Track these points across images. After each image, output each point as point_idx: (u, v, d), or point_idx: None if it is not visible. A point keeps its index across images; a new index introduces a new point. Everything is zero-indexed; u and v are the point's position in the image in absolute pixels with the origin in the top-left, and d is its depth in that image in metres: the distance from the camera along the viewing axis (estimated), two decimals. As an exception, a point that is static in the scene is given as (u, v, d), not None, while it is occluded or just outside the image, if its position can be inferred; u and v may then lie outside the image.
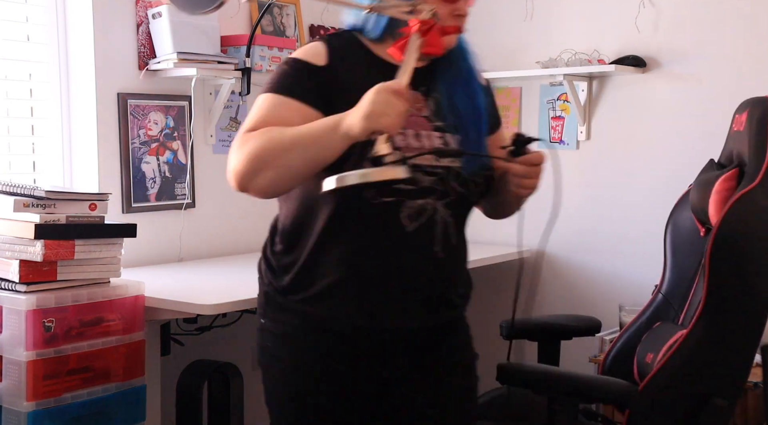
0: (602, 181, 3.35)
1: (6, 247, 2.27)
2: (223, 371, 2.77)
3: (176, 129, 3.10)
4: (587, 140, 3.36)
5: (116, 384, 2.35)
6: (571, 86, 3.26)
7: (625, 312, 2.94)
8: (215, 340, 3.14)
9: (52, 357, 2.21)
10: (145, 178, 3.01)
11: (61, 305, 2.24)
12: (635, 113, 3.26)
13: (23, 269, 2.22)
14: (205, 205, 3.22)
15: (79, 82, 2.90)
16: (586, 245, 3.38)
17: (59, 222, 2.25)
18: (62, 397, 2.24)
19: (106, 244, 2.35)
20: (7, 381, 2.22)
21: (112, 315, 2.35)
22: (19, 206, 2.22)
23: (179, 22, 2.94)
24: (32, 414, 2.17)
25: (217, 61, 3.04)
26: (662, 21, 3.18)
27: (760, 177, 2.00)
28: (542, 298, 3.49)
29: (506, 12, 3.53)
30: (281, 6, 3.49)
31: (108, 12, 2.90)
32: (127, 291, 2.39)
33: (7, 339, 2.22)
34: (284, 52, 3.21)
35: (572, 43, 3.35)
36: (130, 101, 2.95)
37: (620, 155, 3.30)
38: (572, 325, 2.50)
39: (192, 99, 3.08)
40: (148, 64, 2.99)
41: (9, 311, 2.22)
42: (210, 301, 2.35)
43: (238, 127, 3.32)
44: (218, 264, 3.07)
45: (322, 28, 3.66)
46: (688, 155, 3.00)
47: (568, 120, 3.41)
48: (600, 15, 3.31)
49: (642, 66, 3.20)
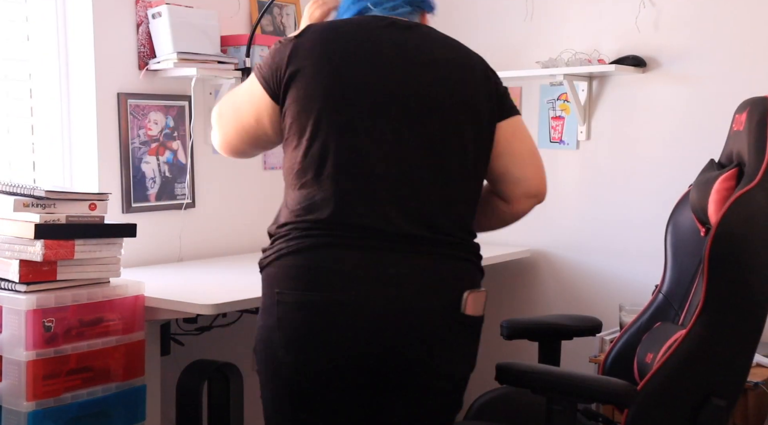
0: (602, 181, 3.35)
1: (6, 247, 2.27)
2: (223, 371, 2.77)
3: (176, 129, 3.10)
4: (587, 140, 3.36)
5: (116, 384, 2.36)
6: (571, 86, 3.26)
7: (626, 312, 2.94)
8: (215, 340, 3.15)
9: (52, 357, 2.22)
10: (145, 178, 3.01)
11: (61, 305, 2.24)
12: (635, 113, 3.26)
13: (23, 269, 2.22)
14: (205, 205, 3.22)
15: (79, 82, 2.90)
16: (586, 245, 3.38)
17: (59, 222, 2.25)
18: (62, 397, 2.24)
19: (106, 244, 2.35)
20: (7, 381, 2.22)
21: (112, 315, 2.35)
22: (19, 206, 2.22)
23: (179, 22, 2.94)
24: (32, 414, 2.17)
25: (217, 61, 3.04)
26: (662, 21, 3.18)
27: (759, 177, 2.00)
28: (542, 298, 3.49)
29: (506, 12, 3.53)
30: (281, 6, 3.49)
31: (108, 12, 2.90)
32: (127, 291, 2.39)
33: (7, 339, 2.22)
34: (284, 52, 3.21)
35: (572, 43, 3.35)
36: (130, 101, 2.95)
37: (620, 155, 3.30)
38: (572, 325, 2.50)
39: (192, 99, 3.08)
40: (148, 64, 2.99)
41: (9, 311, 2.22)
42: (210, 301, 2.35)
43: (238, 127, 3.33)
44: (218, 264, 3.07)
45: (322, 28, 3.66)
46: (688, 155, 3.00)
47: (568, 120, 3.41)
48: (600, 15, 3.31)
49: (642, 66, 3.20)
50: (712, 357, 2.01)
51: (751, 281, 1.99)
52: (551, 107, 3.45)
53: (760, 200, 1.99)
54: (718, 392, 1.99)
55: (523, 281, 3.54)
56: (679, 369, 2.01)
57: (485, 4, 3.59)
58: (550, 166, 3.45)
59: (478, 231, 1.89)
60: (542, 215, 3.50)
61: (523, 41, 3.49)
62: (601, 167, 3.34)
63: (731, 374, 2.03)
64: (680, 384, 2.02)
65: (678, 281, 2.38)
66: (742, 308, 2.00)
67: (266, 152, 3.42)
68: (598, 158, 3.35)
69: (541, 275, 3.48)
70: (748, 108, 2.13)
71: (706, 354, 2.01)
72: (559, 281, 3.46)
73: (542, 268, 3.48)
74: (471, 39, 3.66)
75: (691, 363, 2.01)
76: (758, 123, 2.06)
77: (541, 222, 3.45)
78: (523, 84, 3.51)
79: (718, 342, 2.00)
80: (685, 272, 2.36)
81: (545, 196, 1.94)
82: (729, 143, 2.27)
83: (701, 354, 2.01)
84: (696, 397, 2.00)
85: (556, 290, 3.47)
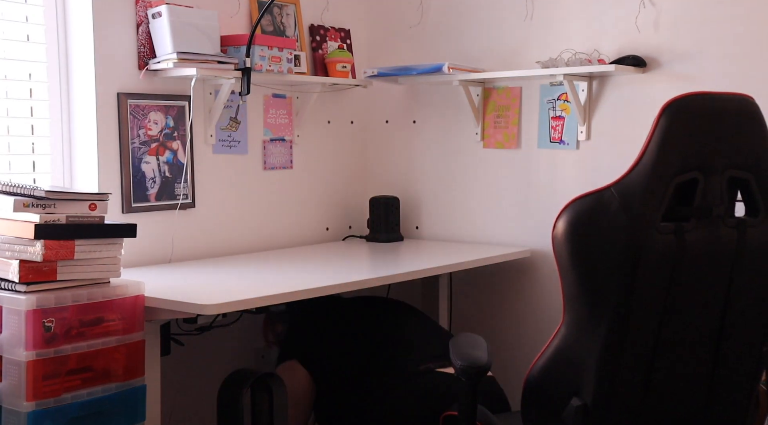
0: (602, 181, 3.32)
1: (6, 247, 2.27)
2: (265, 380, 2.75)
3: (176, 129, 3.10)
4: (587, 140, 3.36)
5: (116, 384, 2.36)
6: (571, 86, 3.26)
7: (625, 312, 2.94)
8: (215, 340, 3.15)
9: (52, 357, 2.22)
10: (145, 178, 3.01)
11: (61, 305, 2.24)
12: (635, 113, 3.25)
13: (23, 269, 2.22)
14: (204, 205, 3.23)
15: (79, 82, 2.91)
16: (586, 245, 3.38)
17: (59, 222, 2.25)
18: (62, 397, 2.24)
19: (106, 244, 2.35)
20: (6, 381, 2.22)
21: (112, 315, 2.35)
22: (19, 206, 2.22)
23: (179, 22, 2.95)
24: (32, 414, 2.17)
25: (217, 61, 3.04)
26: (662, 21, 3.18)
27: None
28: (542, 298, 3.49)
29: (506, 12, 3.53)
30: (281, 6, 3.49)
31: (108, 12, 2.90)
32: (127, 291, 2.39)
33: (7, 339, 2.22)
34: (284, 52, 3.21)
35: (572, 43, 3.35)
36: (129, 101, 2.95)
37: (620, 155, 3.30)
38: None
39: (192, 99, 3.08)
40: (147, 64, 2.99)
41: (9, 311, 2.22)
42: (210, 301, 2.35)
43: (238, 127, 3.33)
44: (218, 264, 3.07)
45: (322, 28, 3.67)
46: (688, 155, 3.00)
47: (568, 120, 3.41)
48: (600, 15, 3.31)
49: (642, 66, 3.20)
50: (568, 354, 1.97)
51: (586, 276, 1.94)
52: (551, 106, 3.45)
53: (601, 198, 1.94)
54: (578, 391, 1.94)
55: (523, 281, 3.54)
56: (547, 364, 2.00)
57: (485, 4, 3.59)
58: (550, 166, 3.48)
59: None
60: (542, 215, 3.51)
61: (523, 41, 3.49)
62: (601, 167, 3.34)
63: (589, 373, 1.93)
64: (549, 380, 2.00)
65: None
66: (583, 305, 1.95)
67: (266, 152, 3.44)
68: (598, 158, 3.35)
69: (541, 275, 3.48)
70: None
71: (564, 351, 1.98)
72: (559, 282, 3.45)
73: (542, 268, 3.48)
74: (471, 39, 3.69)
75: (554, 361, 1.99)
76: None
77: (541, 222, 3.45)
78: (523, 84, 3.51)
79: (573, 339, 1.96)
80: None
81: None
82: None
83: (562, 351, 1.98)
84: (562, 395, 1.96)
85: (556, 290, 3.46)
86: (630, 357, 1.90)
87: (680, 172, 1.86)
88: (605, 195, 1.91)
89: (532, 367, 2.03)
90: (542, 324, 3.47)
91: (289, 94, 3.54)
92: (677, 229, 1.86)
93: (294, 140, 3.57)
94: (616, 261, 1.86)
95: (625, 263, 1.85)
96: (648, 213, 1.84)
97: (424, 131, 3.78)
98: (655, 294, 1.88)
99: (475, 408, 2.14)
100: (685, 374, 1.98)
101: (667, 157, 1.86)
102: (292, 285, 2.59)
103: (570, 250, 1.93)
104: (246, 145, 3.37)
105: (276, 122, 3.50)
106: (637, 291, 1.86)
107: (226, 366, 3.04)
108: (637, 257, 1.84)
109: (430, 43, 3.73)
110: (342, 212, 3.81)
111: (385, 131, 3.89)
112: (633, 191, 1.86)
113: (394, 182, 3.87)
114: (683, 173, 1.86)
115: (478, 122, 3.60)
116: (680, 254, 1.87)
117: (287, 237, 3.56)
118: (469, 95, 3.53)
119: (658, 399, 1.96)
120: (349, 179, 3.85)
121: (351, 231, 3.84)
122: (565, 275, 1.96)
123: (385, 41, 3.86)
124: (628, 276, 1.85)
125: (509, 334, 3.55)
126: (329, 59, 3.58)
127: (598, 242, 1.90)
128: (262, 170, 3.44)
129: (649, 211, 1.84)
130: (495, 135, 3.58)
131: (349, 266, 3.11)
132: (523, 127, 3.51)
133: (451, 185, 3.71)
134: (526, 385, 2.04)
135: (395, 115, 3.86)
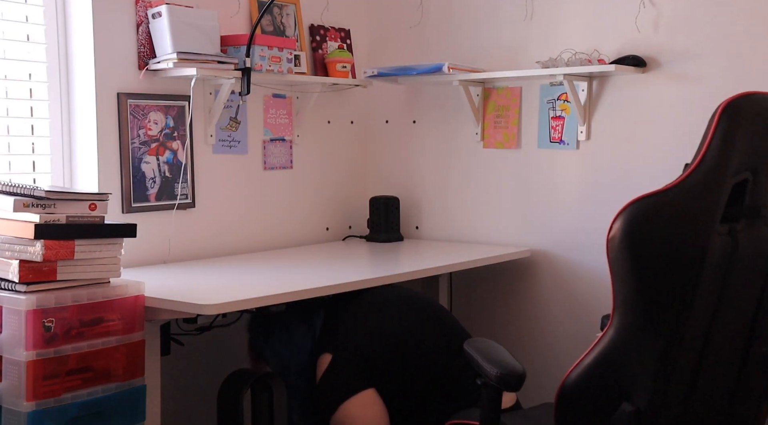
0: (602, 181, 3.35)
1: (6, 247, 2.27)
2: (266, 380, 2.74)
3: (176, 129, 3.10)
4: (587, 140, 3.36)
5: (116, 384, 2.36)
6: (571, 86, 3.26)
7: (625, 312, 2.94)
8: (215, 340, 3.15)
9: (52, 357, 2.22)
10: (145, 178, 3.01)
11: (61, 305, 2.24)
12: (635, 113, 3.25)
13: (23, 269, 2.22)
14: (204, 205, 3.23)
15: (79, 82, 2.91)
16: (587, 245, 3.38)
17: (59, 222, 2.25)
18: (62, 397, 2.24)
19: (106, 244, 2.35)
20: (7, 381, 2.22)
21: (112, 315, 2.35)
22: (19, 206, 2.22)
23: (179, 22, 2.95)
24: (32, 414, 2.17)
25: (217, 61, 3.04)
26: (662, 21, 3.18)
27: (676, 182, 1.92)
28: (542, 298, 3.49)
29: (506, 12, 3.53)
30: (281, 6, 3.49)
31: (108, 12, 2.90)
32: (127, 291, 2.39)
33: (7, 339, 2.22)
34: (284, 52, 3.21)
35: (572, 43, 3.35)
36: (129, 101, 2.95)
37: (620, 155, 3.30)
38: None
39: (192, 99, 3.08)
40: (147, 64, 2.99)
41: (9, 311, 2.22)
42: (210, 301, 2.35)
43: (238, 127, 3.33)
44: (218, 264, 3.07)
45: (322, 28, 3.67)
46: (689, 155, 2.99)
47: (568, 120, 3.41)
48: (600, 15, 3.31)
49: (642, 66, 3.20)
50: (619, 359, 1.91)
51: (647, 280, 1.88)
52: (551, 106, 3.45)
53: (662, 200, 1.89)
54: (629, 396, 1.89)
55: (523, 281, 3.54)
56: (591, 371, 1.93)
57: (485, 4, 3.59)
58: (550, 166, 3.48)
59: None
60: (542, 215, 3.51)
61: (523, 41, 3.49)
62: (601, 167, 3.34)
63: (643, 378, 1.90)
64: (593, 386, 1.94)
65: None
66: (642, 309, 1.88)
67: (266, 152, 3.44)
68: (598, 158, 3.35)
69: (541, 275, 3.48)
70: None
71: (613, 356, 1.91)
72: (559, 281, 3.46)
73: (542, 268, 3.48)
74: (471, 39, 3.69)
75: (600, 367, 1.92)
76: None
77: (541, 222, 3.45)
78: (523, 84, 3.51)
79: (626, 344, 1.90)
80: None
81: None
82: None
83: (611, 357, 1.91)
84: (608, 400, 1.91)
85: (556, 290, 3.47)
86: (684, 361, 1.87)
87: (737, 172, 1.83)
88: (666, 196, 1.84)
89: (570, 373, 1.95)
90: (542, 324, 3.47)
91: (289, 94, 3.55)
92: (731, 230, 1.83)
93: (294, 140, 3.58)
94: (681, 265, 1.80)
95: (691, 266, 1.79)
96: (710, 215, 1.80)
97: (424, 131, 3.78)
98: (712, 297, 1.84)
99: (498, 418, 2.07)
100: (720, 374, 1.95)
101: (728, 157, 1.81)
102: (292, 285, 2.59)
103: (630, 255, 1.83)
104: (246, 145, 3.37)
105: (276, 122, 3.50)
106: (699, 295, 1.81)
107: (226, 366, 3.03)
108: (702, 260, 1.79)
109: (430, 43, 3.73)
110: (342, 212, 3.81)
111: (385, 131, 3.89)
112: (695, 193, 1.81)
113: (394, 182, 3.87)
114: (739, 173, 1.83)
115: (478, 122, 3.60)
116: (734, 256, 1.83)
117: (287, 237, 3.56)
118: (469, 95, 3.53)
119: (700, 402, 1.93)
120: (349, 179, 3.85)
121: (351, 231, 3.84)
122: (623, 280, 1.86)
123: (385, 41, 3.86)
124: (693, 280, 1.79)
125: (509, 334, 3.55)
126: (329, 59, 3.58)
127: (660, 246, 1.82)
128: (262, 170, 3.44)
129: (711, 212, 1.80)
130: (495, 135, 3.58)
131: (349, 266, 3.11)
132: (523, 127, 3.51)
133: (451, 185, 3.71)
134: (563, 391, 1.95)
135: (395, 115, 3.86)
